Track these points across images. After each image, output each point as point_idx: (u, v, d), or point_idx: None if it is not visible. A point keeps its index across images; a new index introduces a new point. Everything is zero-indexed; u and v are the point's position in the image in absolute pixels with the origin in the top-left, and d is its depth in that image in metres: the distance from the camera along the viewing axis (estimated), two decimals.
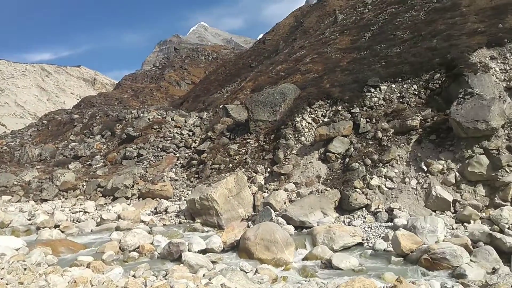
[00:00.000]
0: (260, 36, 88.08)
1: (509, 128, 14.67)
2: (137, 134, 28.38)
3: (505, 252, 9.95)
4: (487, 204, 13.47)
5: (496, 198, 13.39)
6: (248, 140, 21.31)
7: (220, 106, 30.58)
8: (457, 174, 14.40)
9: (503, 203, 13.05)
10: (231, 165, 20.19)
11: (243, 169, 19.10)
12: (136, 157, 25.37)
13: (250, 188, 17.25)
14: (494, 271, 9.12)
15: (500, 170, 13.69)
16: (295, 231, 13.53)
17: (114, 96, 76.96)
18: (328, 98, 20.51)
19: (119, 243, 12.29)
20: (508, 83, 16.67)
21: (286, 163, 18.25)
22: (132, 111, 35.92)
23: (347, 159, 17.00)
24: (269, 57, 49.98)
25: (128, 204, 19.23)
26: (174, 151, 25.18)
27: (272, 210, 14.82)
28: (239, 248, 11.68)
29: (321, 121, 19.70)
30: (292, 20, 70.10)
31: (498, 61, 17.74)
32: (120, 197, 20.39)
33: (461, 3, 24.64)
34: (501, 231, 11.42)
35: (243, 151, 20.75)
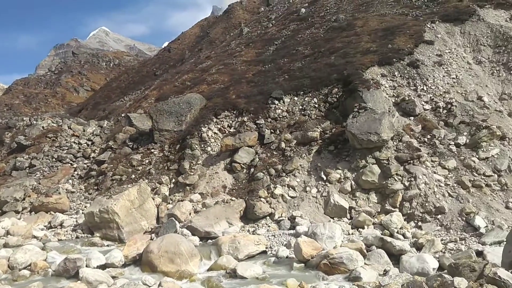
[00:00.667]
0: (165, 44, 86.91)
1: (397, 140, 16.04)
2: (30, 143, 26.17)
3: (394, 254, 10.81)
4: (379, 210, 14.56)
5: (386, 205, 14.52)
6: (152, 150, 20.76)
7: (123, 115, 29.41)
8: (353, 182, 15.39)
9: (393, 209, 14.20)
10: (133, 176, 19.48)
11: (146, 180, 18.53)
12: (28, 168, 23.35)
13: (154, 199, 16.77)
14: (385, 272, 9.84)
15: (389, 179, 14.89)
16: (201, 242, 13.40)
17: (4, 102, 70.49)
18: (234, 109, 20.77)
19: (8, 261, 11.18)
20: (396, 98, 18.27)
21: (192, 173, 18.08)
22: (24, 118, 33.11)
23: (252, 169, 17.31)
24: (175, 66, 49.45)
25: (19, 219, 17.59)
26: (71, 162, 23.60)
27: (176, 222, 14.53)
28: (141, 261, 11.25)
29: (227, 132, 19.87)
30: (198, 30, 70.21)
31: (388, 78, 19.40)
32: (9, 211, 18.58)
33: (356, 23, 26.59)
34: (391, 235, 12.41)
35: (147, 161, 20.15)
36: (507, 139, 15.76)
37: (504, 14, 22.76)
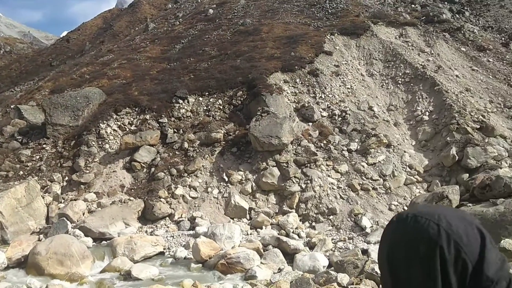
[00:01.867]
0: (64, 33, 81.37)
1: (296, 144, 16.76)
2: None
3: (289, 253, 11.29)
4: (277, 211, 15.08)
5: (284, 206, 15.09)
6: (44, 146, 19.31)
7: (12, 106, 26.98)
8: (254, 184, 15.76)
9: (290, 210, 14.81)
10: (21, 172, 17.95)
11: (36, 177, 17.19)
12: None
13: (44, 198, 15.63)
14: (279, 270, 10.22)
15: (288, 181, 15.51)
16: (94, 243, 12.79)
17: None
18: (136, 106, 20.12)
19: None
20: (297, 104, 19.10)
21: (87, 171, 17.15)
22: None
23: (153, 169, 16.91)
24: (73, 58, 46.51)
25: None
26: None
27: (68, 222, 13.70)
28: (27, 264, 10.45)
29: (127, 129, 19.17)
30: (100, 22, 66.78)
31: (290, 84, 20.21)
32: None
33: (262, 29, 27.29)
34: (287, 235, 12.94)
35: (38, 157, 18.70)
36: (392, 146, 17.24)
37: (394, 32, 24.94)
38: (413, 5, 30.78)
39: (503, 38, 25.98)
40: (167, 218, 14.79)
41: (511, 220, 8.00)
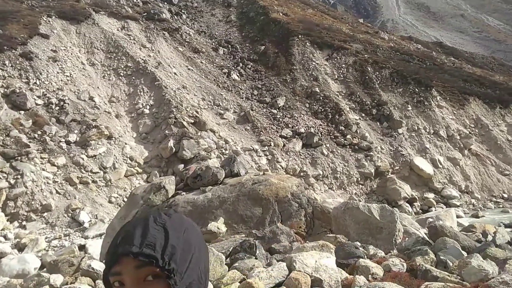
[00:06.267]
0: None
1: (4, 135, 14.75)
2: None
3: None
4: None
5: None
6: None
7: None
8: None
9: None
10: None
11: None
12: None
13: None
14: None
15: None
16: None
17: None
18: None
19: None
20: (5, 90, 16.77)
21: None
22: None
23: None
24: None
25: None
26: None
27: None
28: None
29: None
30: None
31: None
32: None
33: None
34: None
35: None
36: (113, 138, 17.21)
37: (116, 23, 24.82)
38: (135, 0, 31.33)
39: (213, 43, 29.31)
40: None
41: (217, 205, 9.15)
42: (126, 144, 17.32)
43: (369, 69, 25.99)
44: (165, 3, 33.44)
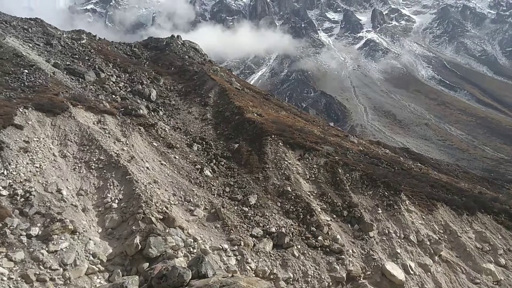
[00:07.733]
0: None
1: None
2: None
3: None
4: None
5: None
6: None
7: None
8: None
9: None
10: None
11: None
12: None
13: None
14: None
15: None
16: None
17: None
18: None
19: None
20: None
21: None
22: None
23: None
24: None
25: None
26: None
27: None
28: None
29: None
30: None
31: None
32: None
33: None
34: None
35: None
36: (77, 233, 16.53)
37: (93, 117, 25.17)
38: (114, 95, 32.23)
39: (188, 139, 29.83)
40: None
41: None
42: (90, 239, 16.62)
43: (340, 170, 26.65)
44: (143, 99, 34.49)
